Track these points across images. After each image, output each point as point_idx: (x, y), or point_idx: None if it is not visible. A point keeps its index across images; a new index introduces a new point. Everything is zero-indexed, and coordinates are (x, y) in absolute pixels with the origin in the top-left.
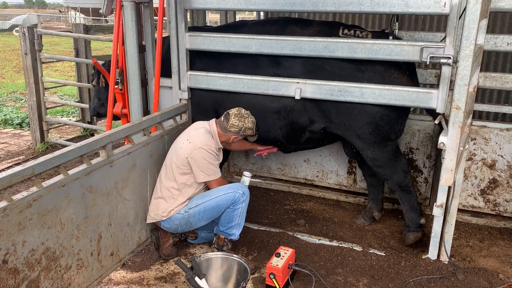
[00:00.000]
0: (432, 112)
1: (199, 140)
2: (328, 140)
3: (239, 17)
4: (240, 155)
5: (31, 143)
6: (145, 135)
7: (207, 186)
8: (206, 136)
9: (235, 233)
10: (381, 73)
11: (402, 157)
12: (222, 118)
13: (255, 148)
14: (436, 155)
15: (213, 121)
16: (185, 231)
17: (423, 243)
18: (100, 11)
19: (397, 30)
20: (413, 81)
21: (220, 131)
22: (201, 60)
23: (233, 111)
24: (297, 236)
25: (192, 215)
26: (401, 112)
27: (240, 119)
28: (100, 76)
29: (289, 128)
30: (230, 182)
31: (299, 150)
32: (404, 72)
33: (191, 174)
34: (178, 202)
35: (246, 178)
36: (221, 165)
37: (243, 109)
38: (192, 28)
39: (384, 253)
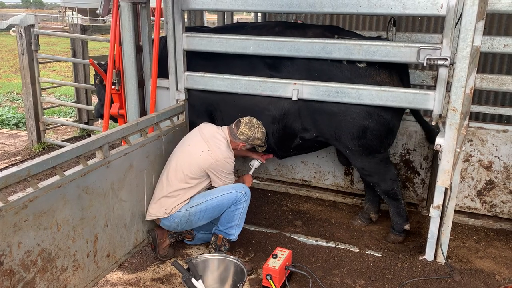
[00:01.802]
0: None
1: (220, 152)
2: (318, 147)
3: (236, 18)
4: (239, 158)
5: (27, 144)
6: (142, 135)
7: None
8: (226, 146)
9: (234, 233)
10: (377, 83)
11: (391, 166)
12: (233, 125)
13: (250, 155)
14: (433, 157)
15: (225, 128)
16: (185, 230)
17: (420, 245)
18: (97, 11)
19: (394, 35)
20: (404, 82)
21: (231, 137)
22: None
23: (245, 119)
24: (294, 237)
25: (193, 214)
26: (392, 127)
27: (250, 128)
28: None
29: (281, 133)
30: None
31: (290, 156)
32: (396, 74)
33: (203, 178)
34: (182, 199)
35: (257, 162)
36: None
37: (255, 119)
38: (189, 29)
39: (381, 254)
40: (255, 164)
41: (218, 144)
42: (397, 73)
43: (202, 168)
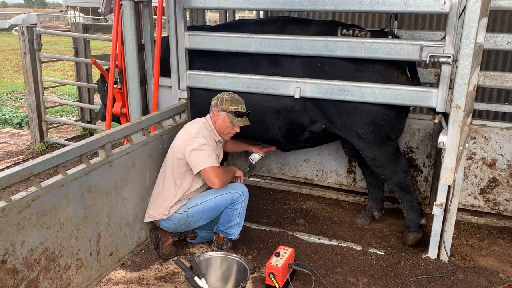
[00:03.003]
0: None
1: (193, 131)
2: (327, 139)
3: (238, 16)
4: (240, 155)
5: (30, 143)
6: (144, 134)
7: (207, 186)
8: (201, 127)
9: (235, 233)
10: (380, 72)
11: (402, 157)
12: None
13: (250, 149)
14: (436, 154)
15: (208, 115)
16: (184, 231)
17: (423, 243)
18: (99, 10)
19: (396, 29)
20: (414, 79)
21: (211, 116)
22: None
23: None
24: (296, 235)
25: (191, 215)
26: (401, 112)
27: (219, 95)
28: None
29: (288, 128)
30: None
31: (297, 149)
32: (404, 71)
33: (188, 167)
34: (177, 198)
35: (258, 156)
36: (221, 165)
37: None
38: (190, 28)
39: (384, 252)
40: (255, 157)
41: (193, 126)
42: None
43: (183, 152)
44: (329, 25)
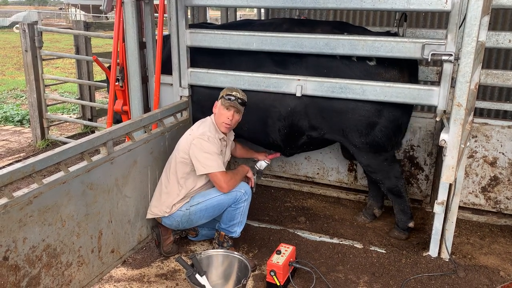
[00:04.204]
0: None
1: (197, 131)
2: (325, 144)
3: (239, 14)
4: (242, 159)
5: (31, 140)
6: (145, 132)
7: (211, 184)
8: (206, 126)
9: (237, 231)
10: (386, 80)
11: (396, 163)
12: None
13: (256, 157)
14: (437, 153)
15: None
16: (186, 228)
17: (424, 241)
18: (100, 8)
19: (406, 31)
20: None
21: (214, 110)
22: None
23: None
24: (297, 233)
25: (193, 213)
26: (400, 125)
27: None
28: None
29: (288, 131)
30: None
31: (298, 153)
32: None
33: (192, 168)
34: (180, 197)
35: (264, 163)
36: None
37: None
38: (196, 25)
39: (385, 250)
40: (262, 164)
41: (198, 125)
42: (407, 70)
43: (186, 151)
44: (335, 30)
